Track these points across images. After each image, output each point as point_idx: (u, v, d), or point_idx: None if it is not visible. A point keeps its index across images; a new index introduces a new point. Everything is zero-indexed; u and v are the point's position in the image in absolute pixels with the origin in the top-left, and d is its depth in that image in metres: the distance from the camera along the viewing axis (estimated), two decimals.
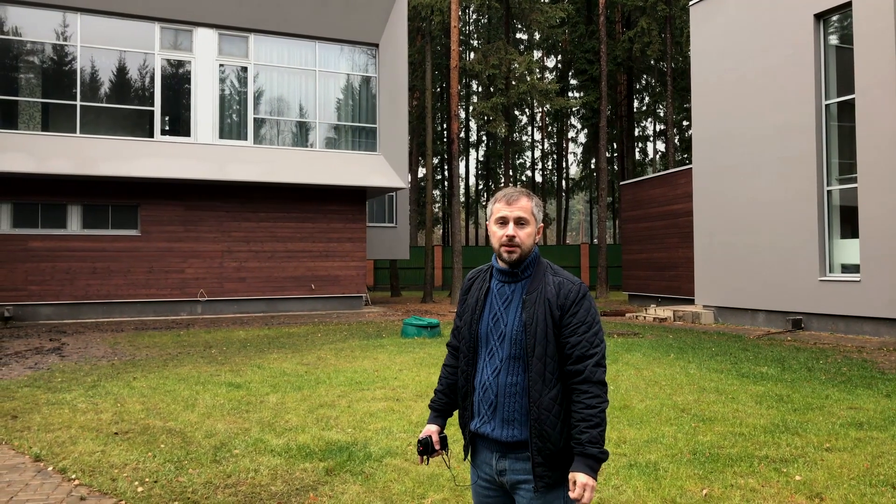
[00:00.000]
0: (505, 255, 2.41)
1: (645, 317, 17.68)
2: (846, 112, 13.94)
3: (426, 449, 2.53)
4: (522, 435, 2.33)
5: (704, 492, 4.54)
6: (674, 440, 5.77)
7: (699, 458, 5.24)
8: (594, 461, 2.25)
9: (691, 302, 19.43)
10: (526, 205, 2.43)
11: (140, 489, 4.68)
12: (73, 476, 4.96)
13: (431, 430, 2.58)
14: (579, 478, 2.23)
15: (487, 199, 48.81)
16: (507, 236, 2.39)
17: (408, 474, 4.91)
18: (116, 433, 6.10)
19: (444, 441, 2.58)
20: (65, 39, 17.11)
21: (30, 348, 11.94)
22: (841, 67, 14.15)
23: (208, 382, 8.47)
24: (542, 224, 2.49)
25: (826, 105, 14.31)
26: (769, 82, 15.39)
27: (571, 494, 2.24)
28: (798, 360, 10.27)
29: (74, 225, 17.20)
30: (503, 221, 2.42)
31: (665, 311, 17.63)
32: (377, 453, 5.41)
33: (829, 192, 14.24)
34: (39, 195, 16.81)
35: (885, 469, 4.96)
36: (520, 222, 2.41)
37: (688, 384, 8.29)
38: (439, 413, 2.62)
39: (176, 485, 4.77)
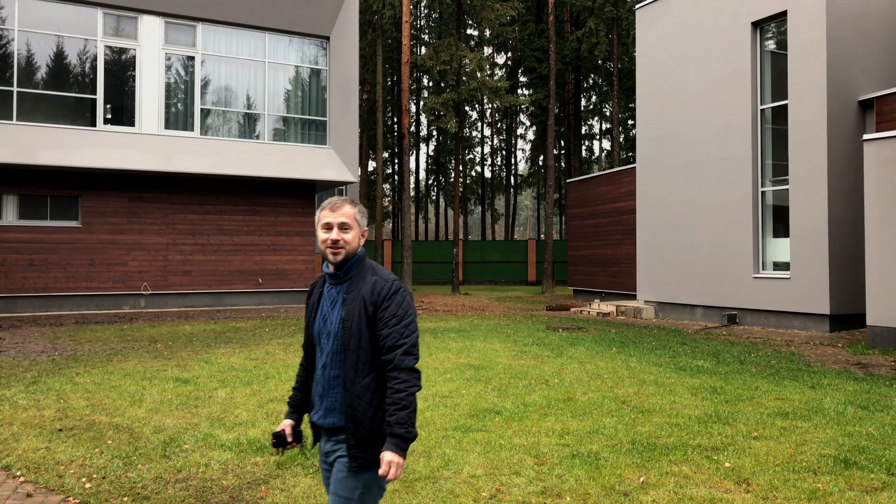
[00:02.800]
0: (330, 257, 2.65)
1: (589, 311, 18.15)
2: (780, 116, 14.60)
3: (279, 441, 2.74)
4: (340, 422, 2.60)
5: (641, 479, 4.80)
6: (614, 431, 6.04)
7: (637, 448, 5.51)
8: (402, 440, 2.48)
9: (634, 297, 20.02)
10: (349, 211, 2.68)
11: (88, 485, 4.66)
12: (18, 473, 4.90)
13: (286, 423, 2.79)
14: (386, 455, 2.46)
15: (438, 194, 49.01)
16: (331, 240, 2.63)
17: None
18: (61, 430, 6.02)
19: (298, 434, 2.79)
20: (1, 23, 16.46)
21: None
22: (776, 73, 14.81)
23: (155, 378, 8.38)
24: (365, 228, 2.74)
25: (761, 109, 14.95)
26: (709, 86, 15.98)
27: (380, 471, 2.47)
28: (732, 353, 10.77)
29: (10, 215, 16.60)
30: (328, 227, 2.65)
31: (608, 306, 18.14)
32: None
33: (763, 192, 14.90)
34: None
35: (807, 456, 5.32)
36: (343, 227, 2.65)
37: (629, 377, 8.63)
38: (294, 408, 2.84)
39: (125, 480, 4.77)
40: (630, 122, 40.64)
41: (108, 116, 17.53)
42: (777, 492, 4.55)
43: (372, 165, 39.12)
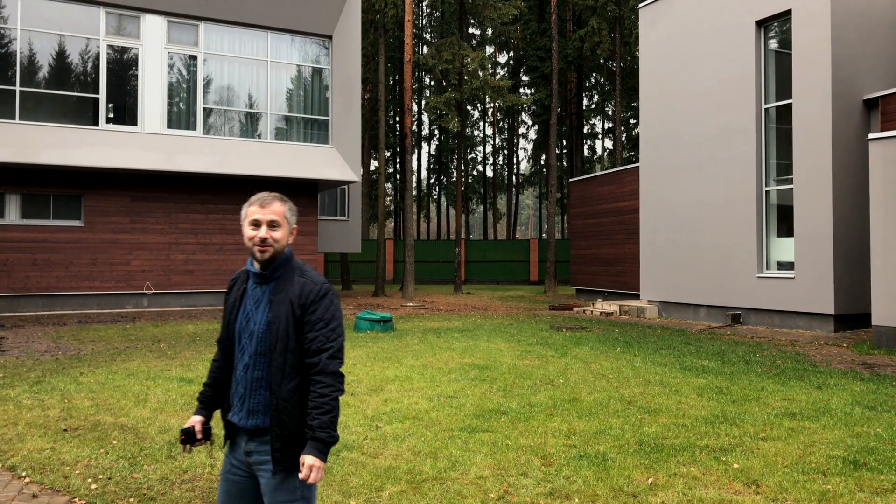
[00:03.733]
0: (258, 255, 2.59)
1: (592, 311, 18.11)
2: (784, 115, 14.56)
3: (188, 438, 2.69)
4: (264, 423, 2.55)
5: (650, 480, 4.77)
6: (621, 431, 6.01)
7: (645, 449, 5.48)
8: (322, 444, 2.47)
9: (637, 297, 19.97)
10: (279, 209, 2.63)
11: (94, 486, 4.64)
12: (24, 473, 4.88)
13: (195, 420, 2.74)
14: (307, 459, 2.44)
15: (440, 194, 48.98)
16: (259, 238, 2.57)
17: (365, 468, 5.00)
18: (66, 430, 5.99)
19: (207, 431, 2.75)
20: (3, 22, 16.45)
21: None
22: (780, 72, 14.76)
23: (159, 377, 8.36)
24: (294, 226, 2.70)
25: (765, 109, 14.91)
26: (713, 85, 15.93)
27: (301, 475, 2.44)
28: (737, 353, 10.74)
29: (13, 215, 16.59)
30: (256, 224, 2.60)
31: (611, 306, 18.10)
32: (333, 447, 5.48)
33: (767, 192, 14.85)
34: None
35: (816, 457, 5.29)
36: (272, 225, 2.60)
37: (634, 377, 8.60)
38: (205, 405, 2.79)
39: (131, 481, 4.74)
40: (632, 121, 40.57)
41: (111, 116, 17.51)
42: (787, 493, 4.52)
43: (374, 164, 39.10)
